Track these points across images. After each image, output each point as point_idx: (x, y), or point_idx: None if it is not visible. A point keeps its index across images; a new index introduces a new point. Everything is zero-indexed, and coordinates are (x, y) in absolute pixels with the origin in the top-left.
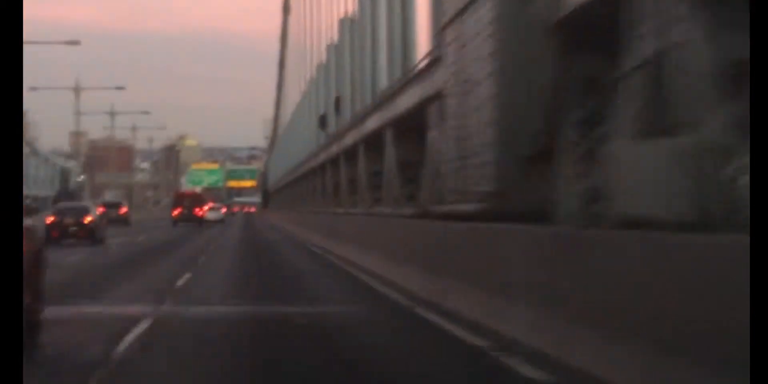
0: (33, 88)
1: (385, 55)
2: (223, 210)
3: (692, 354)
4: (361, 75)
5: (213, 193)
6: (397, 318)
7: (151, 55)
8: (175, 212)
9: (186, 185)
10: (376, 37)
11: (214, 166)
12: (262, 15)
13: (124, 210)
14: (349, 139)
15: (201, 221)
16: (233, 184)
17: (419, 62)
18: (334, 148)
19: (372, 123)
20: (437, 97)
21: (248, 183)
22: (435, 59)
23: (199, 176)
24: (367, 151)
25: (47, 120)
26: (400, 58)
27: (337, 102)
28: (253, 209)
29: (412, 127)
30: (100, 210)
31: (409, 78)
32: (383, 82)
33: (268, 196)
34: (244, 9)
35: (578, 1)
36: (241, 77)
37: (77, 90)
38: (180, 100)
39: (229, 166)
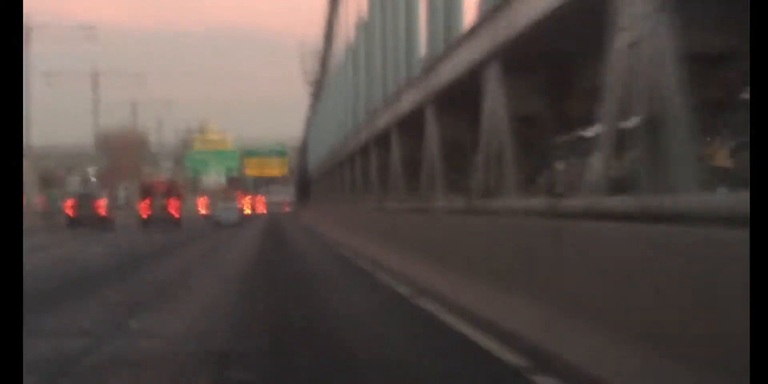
0: (46, 74)
1: None
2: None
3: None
4: None
5: (239, 187)
6: None
7: (173, 51)
8: (144, 210)
9: (190, 174)
10: None
11: (226, 145)
12: (290, 10)
13: (101, 205)
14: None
15: (177, 222)
16: (253, 171)
17: None
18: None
19: None
20: None
21: (275, 169)
22: None
23: (203, 160)
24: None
25: (65, 116)
26: None
27: None
28: (286, 206)
29: None
30: (69, 205)
31: None
32: None
33: (308, 185)
34: (274, 5)
35: None
36: (269, 73)
37: (95, 77)
38: (204, 97)
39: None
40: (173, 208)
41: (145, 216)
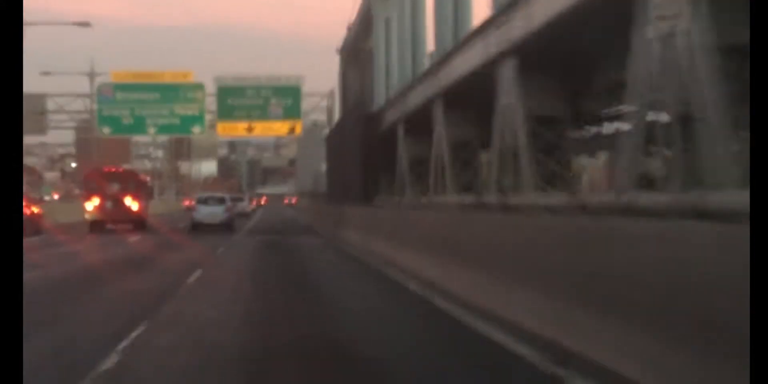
0: (45, 73)
1: None
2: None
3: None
4: None
5: (229, 181)
6: None
7: (172, 48)
8: (93, 207)
9: (98, 132)
10: None
11: (184, 75)
12: (289, 9)
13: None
14: None
15: (141, 222)
16: (235, 128)
17: None
18: None
19: None
20: None
21: (280, 124)
22: None
23: (131, 103)
24: None
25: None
26: None
27: None
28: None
29: None
30: None
31: None
32: None
33: (374, 153)
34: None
35: None
36: (268, 71)
37: (92, 75)
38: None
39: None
40: (132, 203)
41: (93, 216)
